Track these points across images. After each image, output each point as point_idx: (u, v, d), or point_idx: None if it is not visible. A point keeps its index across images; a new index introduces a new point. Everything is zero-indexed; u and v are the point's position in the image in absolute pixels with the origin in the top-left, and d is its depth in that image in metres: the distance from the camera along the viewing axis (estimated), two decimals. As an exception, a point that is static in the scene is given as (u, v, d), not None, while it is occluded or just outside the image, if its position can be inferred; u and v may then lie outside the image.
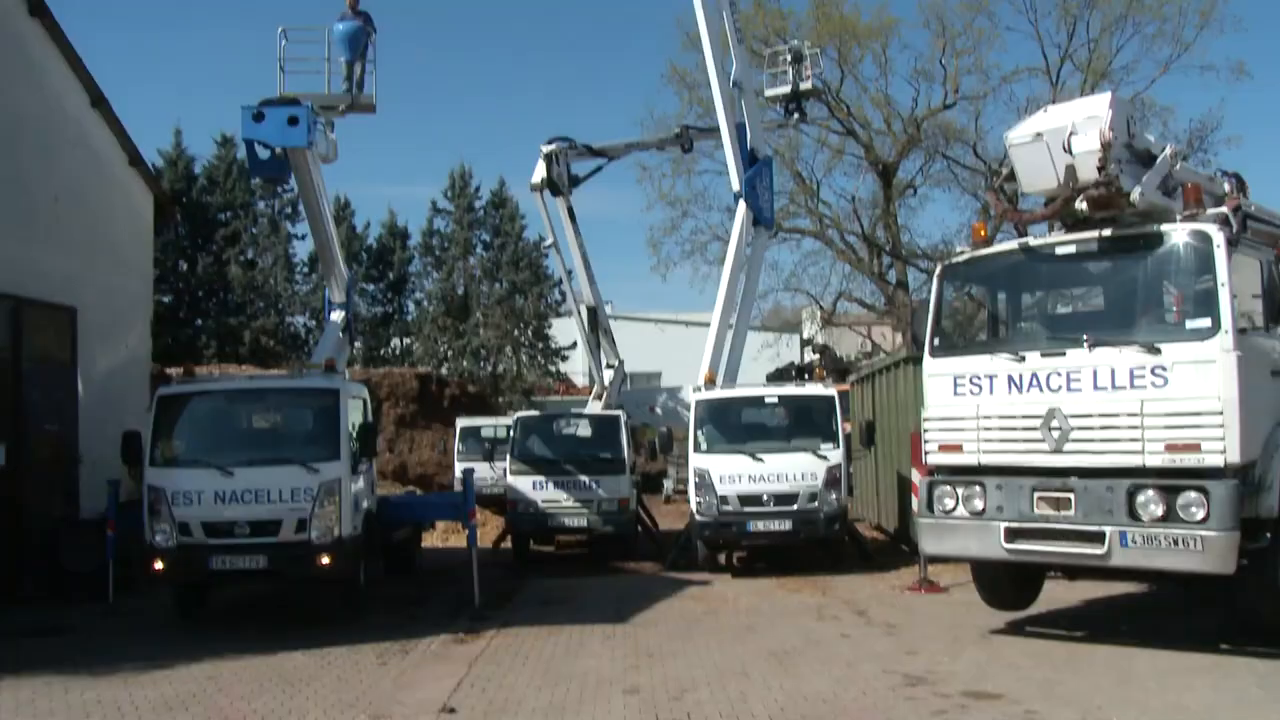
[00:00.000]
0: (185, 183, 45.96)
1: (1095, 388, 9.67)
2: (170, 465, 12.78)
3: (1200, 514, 8.95)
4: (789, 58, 24.93)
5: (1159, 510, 9.17)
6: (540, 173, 21.05)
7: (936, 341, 11.16)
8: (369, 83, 16.62)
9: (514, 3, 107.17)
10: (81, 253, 17.80)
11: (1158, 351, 9.33)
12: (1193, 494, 9.01)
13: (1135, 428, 9.41)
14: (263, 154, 15.44)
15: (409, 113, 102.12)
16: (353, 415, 13.49)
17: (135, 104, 79.37)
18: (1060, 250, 10.59)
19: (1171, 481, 9.18)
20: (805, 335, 49.64)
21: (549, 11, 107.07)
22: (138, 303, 20.31)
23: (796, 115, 25.70)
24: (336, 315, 18.19)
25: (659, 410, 22.07)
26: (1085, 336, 9.88)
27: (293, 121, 14.74)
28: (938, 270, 11.78)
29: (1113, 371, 9.56)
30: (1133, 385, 9.43)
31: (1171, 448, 9.21)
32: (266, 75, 16.10)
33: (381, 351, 51.57)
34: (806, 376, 27.53)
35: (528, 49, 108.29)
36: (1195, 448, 9.09)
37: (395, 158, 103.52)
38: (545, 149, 21.10)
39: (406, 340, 52.46)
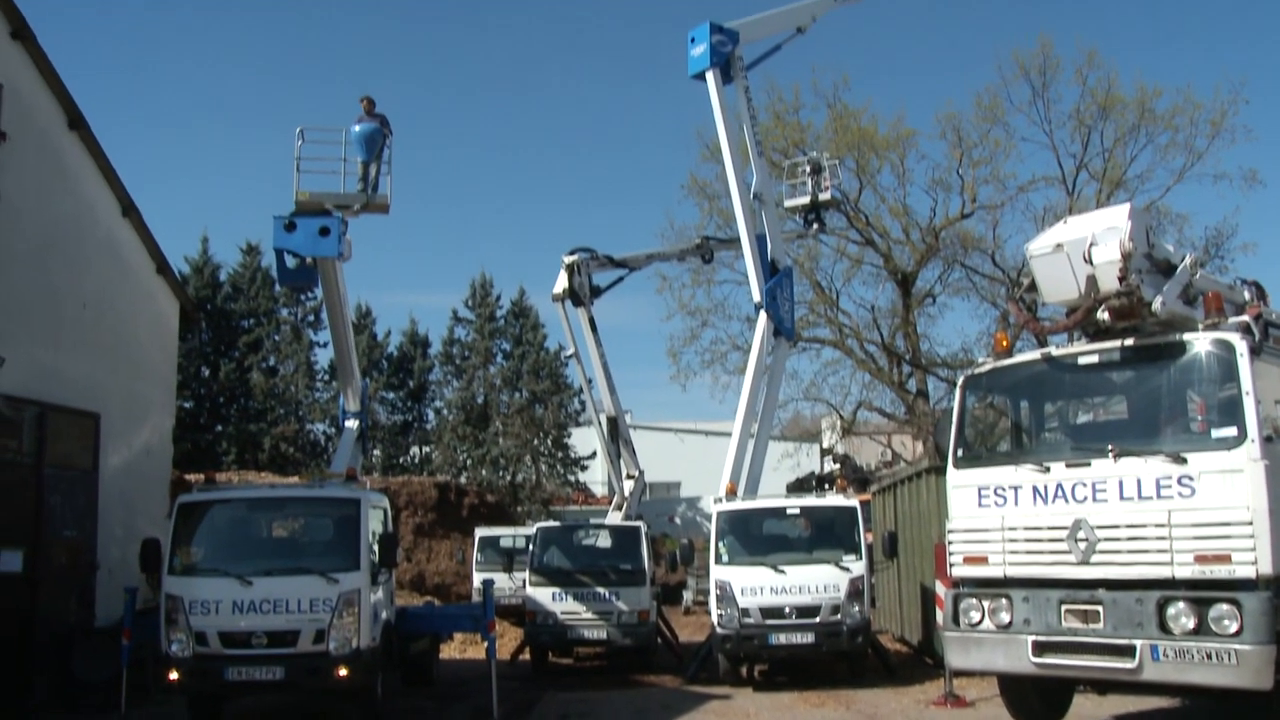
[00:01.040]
0: (210, 289, 46.58)
1: (1122, 498, 9.56)
2: (189, 574, 12.73)
3: (1233, 627, 8.75)
4: (808, 169, 25.31)
5: (1190, 623, 8.98)
6: (562, 283, 21.25)
7: (960, 452, 11.10)
8: (384, 184, 16.88)
9: (536, 114, 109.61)
10: (107, 359, 18.00)
11: (1184, 461, 9.24)
12: (1225, 606, 8.83)
13: (1164, 538, 9.27)
14: (291, 263, 15.68)
15: (431, 221, 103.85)
16: (373, 525, 13.46)
17: (163, 210, 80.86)
18: (1083, 360, 10.58)
19: (1202, 593, 9.00)
20: (825, 445, 49.45)
21: (570, 122, 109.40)
22: (160, 409, 20.45)
23: (816, 225, 25.96)
24: (352, 423, 18.26)
25: (678, 520, 21.97)
26: (1110, 446, 9.80)
27: (324, 232, 15.03)
28: (960, 381, 11.76)
29: (1139, 481, 9.46)
30: (1160, 495, 9.32)
31: (1201, 559, 9.06)
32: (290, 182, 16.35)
33: (400, 460, 51.55)
34: (827, 486, 27.37)
35: (548, 160, 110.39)
36: (1226, 559, 8.93)
37: (417, 266, 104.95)
38: (567, 260, 21.34)
39: (426, 449, 52.45)
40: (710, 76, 20.23)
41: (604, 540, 20.40)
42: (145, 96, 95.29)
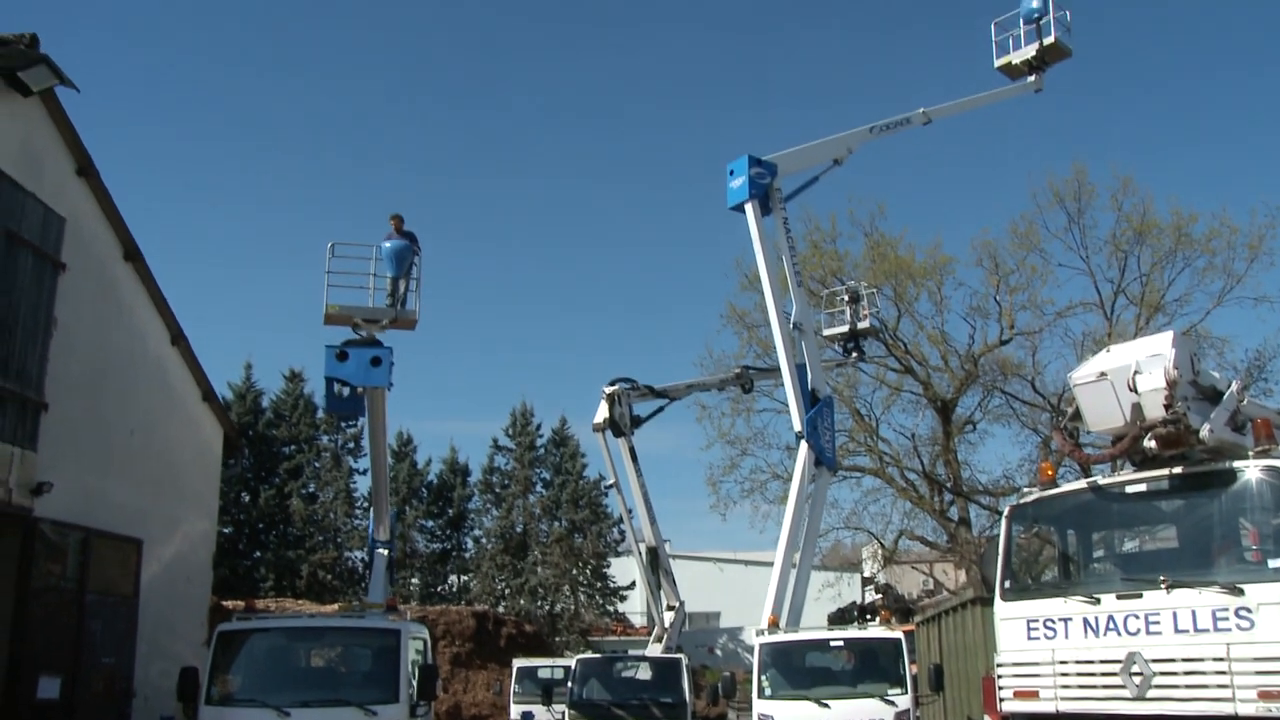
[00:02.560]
0: (252, 415, 47.07)
1: (1176, 630, 9.30)
2: (226, 704, 12.56)
3: (1302, 767, 8.43)
4: (846, 298, 25.49)
5: (1257, 763, 8.65)
6: (602, 413, 21.34)
7: (1007, 584, 10.89)
8: (411, 300, 17.11)
9: (575, 246, 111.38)
10: (152, 486, 18.18)
11: (1240, 592, 9.00)
12: (1293, 747, 8.51)
13: (1223, 673, 8.98)
14: (341, 391, 15.89)
15: (473, 351, 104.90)
16: (412, 655, 13.31)
17: (208, 336, 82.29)
18: (1131, 489, 10.41)
19: (1268, 733, 8.69)
20: (866, 574, 48.71)
21: (609, 254, 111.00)
22: (202, 535, 20.57)
23: (855, 354, 26.03)
24: (383, 551, 18.27)
25: (719, 651, 21.66)
26: (1162, 577, 9.57)
27: (375, 362, 15.24)
28: (1006, 511, 11.61)
29: (1194, 614, 9.21)
30: (1216, 628, 9.07)
31: (1265, 695, 8.75)
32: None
33: (438, 588, 51.19)
34: (870, 617, 26.87)
35: (589, 291, 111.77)
36: (1292, 696, 8.64)
37: (458, 394, 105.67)
38: (607, 390, 21.45)
39: (464, 577, 52.10)
40: (749, 208, 20.53)
41: (644, 673, 20.07)
42: (195, 227, 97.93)
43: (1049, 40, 23.41)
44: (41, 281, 15.42)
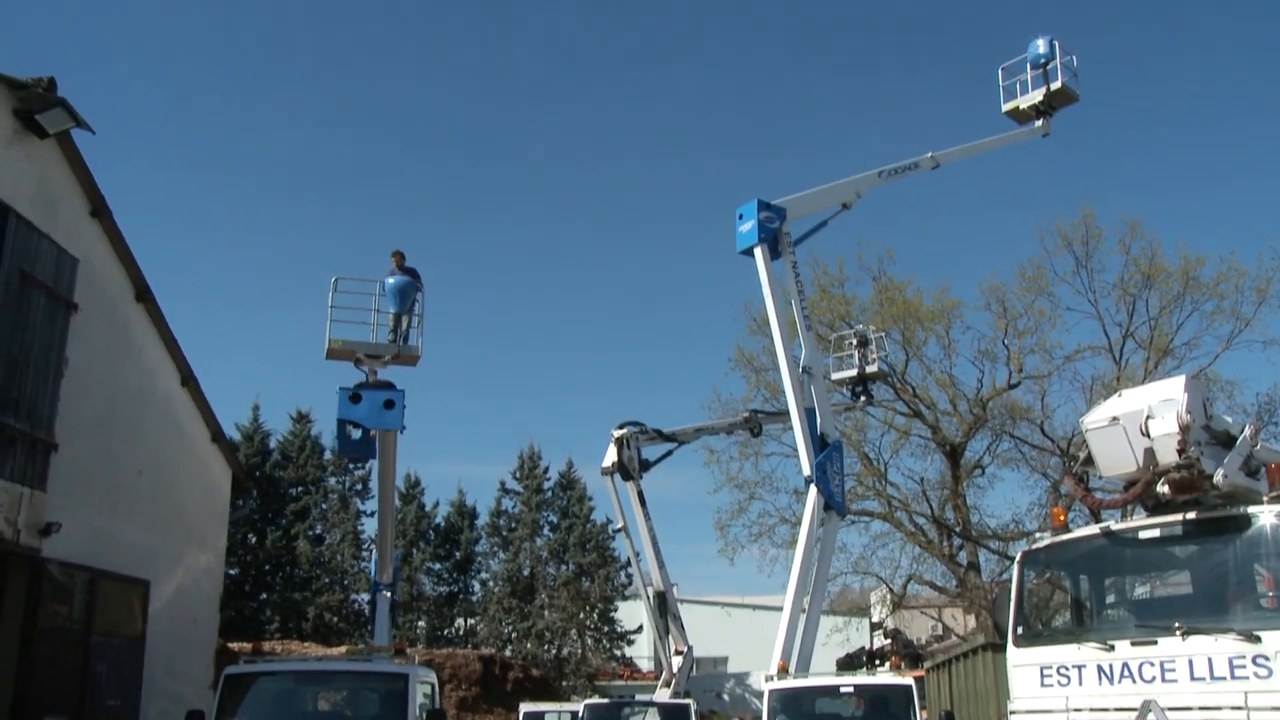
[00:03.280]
0: (260, 457, 47.01)
1: (1193, 678, 9.20)
2: (231, 748, 12.46)
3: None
4: (855, 342, 25.48)
5: (1279, 814, 8.53)
6: (611, 457, 21.29)
7: (1020, 630, 10.81)
8: (414, 336, 17.14)
9: (583, 288, 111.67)
10: (160, 526, 18.15)
11: (1258, 640, 8.90)
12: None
13: (1241, 722, 8.88)
14: (353, 433, 15.91)
15: (481, 393, 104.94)
16: (419, 700, 13.20)
17: (216, 378, 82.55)
18: (1144, 534, 10.34)
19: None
20: (875, 619, 48.38)
21: (617, 297, 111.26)
22: (209, 577, 20.49)
23: (863, 398, 25.98)
24: (386, 594, 18.21)
25: (726, 697, 21.49)
26: (1177, 624, 9.49)
27: (388, 405, 15.26)
28: (1018, 556, 11.53)
29: (1210, 661, 9.11)
30: (1234, 676, 8.96)
31: (1284, 744, 8.65)
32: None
33: (445, 631, 50.87)
34: (879, 663, 26.65)
35: (596, 334, 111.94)
36: (1313, 745, 8.53)
37: (466, 437, 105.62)
38: (616, 433, 21.41)
39: (471, 620, 51.79)
40: (758, 252, 20.57)
41: (652, 718, 19.91)
42: (205, 267, 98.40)
43: (1056, 85, 23.55)
44: (54, 322, 15.47)
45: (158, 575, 17.98)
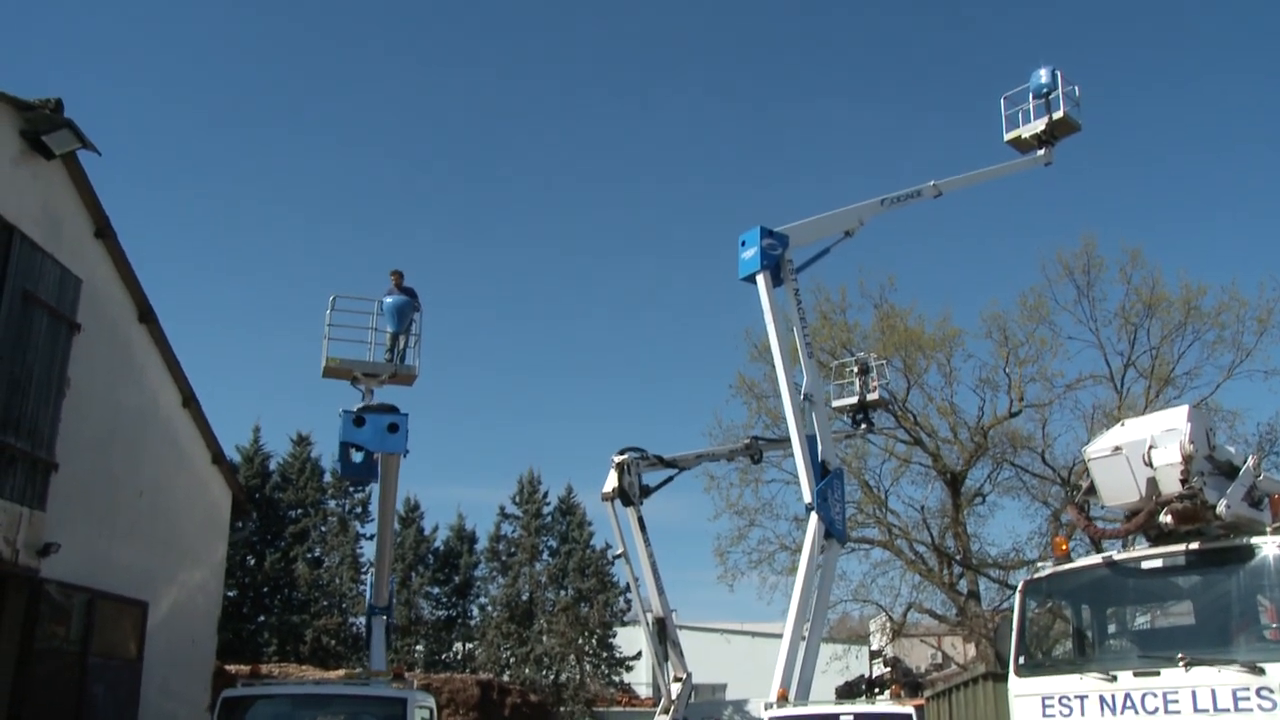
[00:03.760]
0: (260, 479, 46.86)
1: (1196, 710, 9.15)
2: (226, 771, 12.41)
3: None
4: (856, 369, 25.45)
5: None
6: (611, 482, 21.21)
7: (1022, 660, 10.77)
8: (411, 356, 17.13)
9: (585, 314, 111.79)
10: (159, 548, 18.10)
11: (1261, 671, 8.87)
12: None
13: (1245, 755, 8.83)
14: (356, 456, 15.89)
15: (481, 418, 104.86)
16: (417, 724, 13.14)
17: (216, 399, 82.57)
18: (1147, 565, 10.32)
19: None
20: (875, 647, 48.18)
21: (618, 323, 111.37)
22: (208, 599, 20.42)
23: (864, 425, 25.93)
24: (381, 618, 18.16)
25: (724, 724, 21.27)
26: (1180, 655, 9.46)
27: (392, 429, 15.24)
28: (1020, 586, 11.50)
29: (1213, 693, 9.07)
30: (1237, 708, 8.92)
31: (1288, 777, 8.60)
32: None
33: (443, 656, 50.58)
34: (879, 691, 26.49)
35: (597, 359, 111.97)
36: (1316, 779, 8.48)
37: (465, 461, 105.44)
38: (617, 459, 21.34)
39: (469, 645, 51.51)
40: (761, 279, 20.53)
41: (650, 745, 19.80)
42: (207, 288, 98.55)
43: (1058, 115, 23.60)
44: (56, 342, 15.49)
45: (156, 596, 17.92)
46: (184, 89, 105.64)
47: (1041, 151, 24.19)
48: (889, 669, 39.60)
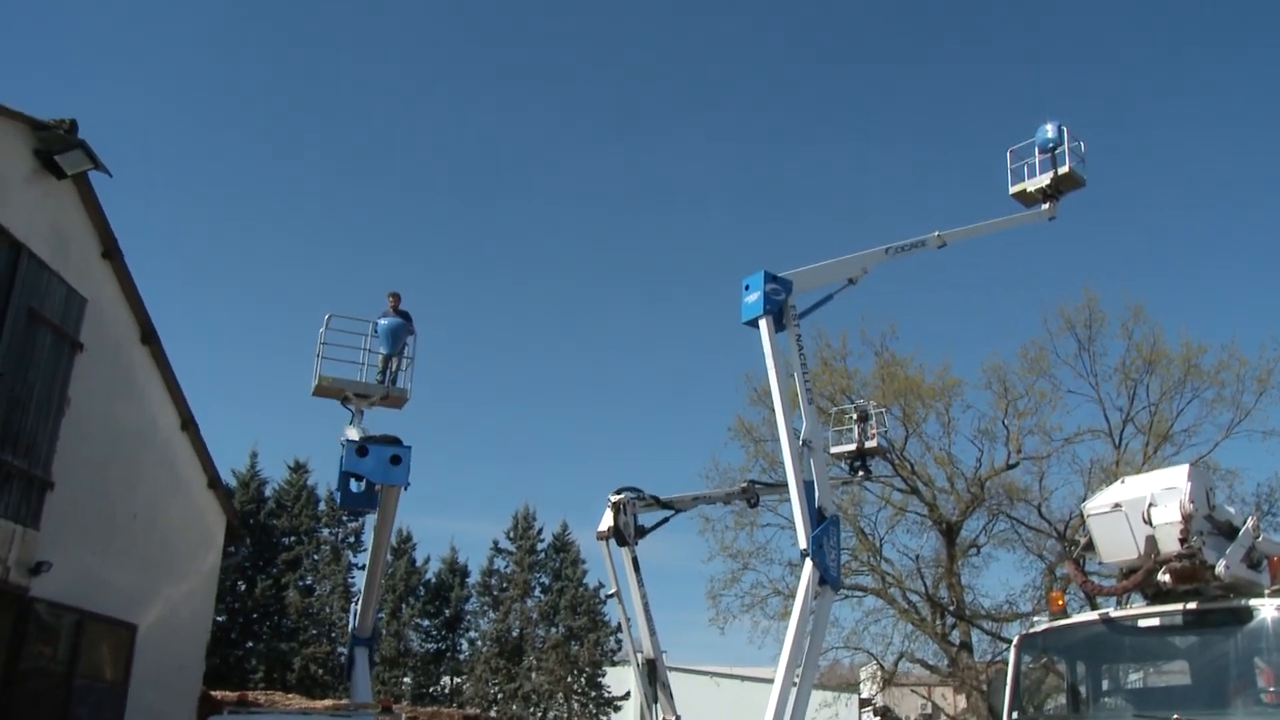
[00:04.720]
0: (254, 504, 46.69)
1: (1192, 771, 9.10)
2: (210, 798, 12.33)
3: None
4: (855, 416, 25.41)
5: None
6: (607, 521, 21.05)
7: (1015, 715, 10.70)
8: (403, 378, 17.12)
9: (585, 351, 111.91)
10: (150, 571, 18.03)
11: (1257, 735, 8.84)
12: None
13: (1238, 819, 8.76)
14: (355, 486, 15.87)
15: (478, 451, 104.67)
16: (403, 756, 13.07)
17: (214, 422, 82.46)
18: (1144, 623, 10.28)
19: None
20: (864, 695, 47.86)
21: (618, 361, 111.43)
22: (197, 624, 20.32)
23: (861, 473, 25.86)
24: (364, 649, 18.06)
25: (713, 769, 21.02)
26: (1175, 715, 9.39)
27: (395, 461, 15.24)
28: (1015, 640, 11.45)
29: (1209, 755, 9.02)
30: (1234, 771, 8.88)
31: (1281, 844, 8.53)
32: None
33: (431, 689, 50.25)
34: (869, 741, 26.33)
35: (596, 397, 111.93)
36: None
37: (460, 494, 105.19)
38: (613, 498, 21.19)
39: (457, 679, 51.16)
40: (763, 324, 20.44)
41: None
42: (208, 312, 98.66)
43: (1064, 170, 23.66)
44: (58, 361, 15.49)
45: (145, 620, 17.82)
46: (183, 105, 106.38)
47: (1046, 205, 24.24)
48: (879, 718, 39.35)
